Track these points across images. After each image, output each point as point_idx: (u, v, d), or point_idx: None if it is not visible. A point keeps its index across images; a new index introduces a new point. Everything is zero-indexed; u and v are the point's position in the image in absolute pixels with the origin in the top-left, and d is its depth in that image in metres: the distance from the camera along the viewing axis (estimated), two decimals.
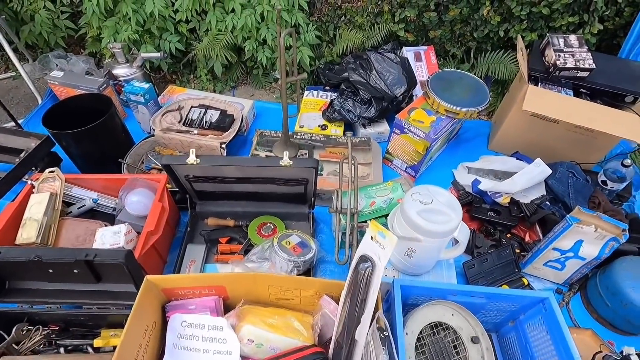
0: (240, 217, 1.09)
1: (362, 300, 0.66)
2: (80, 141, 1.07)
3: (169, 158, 0.86)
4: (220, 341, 0.73)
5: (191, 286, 0.75)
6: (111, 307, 0.83)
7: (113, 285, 0.84)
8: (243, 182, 0.98)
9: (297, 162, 0.87)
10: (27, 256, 0.72)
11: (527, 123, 1.27)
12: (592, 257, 0.94)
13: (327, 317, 0.79)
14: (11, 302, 0.82)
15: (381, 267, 0.64)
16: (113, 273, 0.81)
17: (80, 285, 0.83)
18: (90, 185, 1.02)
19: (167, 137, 1.24)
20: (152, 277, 0.71)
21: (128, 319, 0.65)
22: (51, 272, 0.78)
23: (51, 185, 0.94)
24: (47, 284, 0.84)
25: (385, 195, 1.04)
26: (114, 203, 1.03)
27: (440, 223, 0.72)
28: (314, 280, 0.75)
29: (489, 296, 0.76)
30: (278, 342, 0.75)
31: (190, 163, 0.85)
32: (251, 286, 0.77)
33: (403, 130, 1.19)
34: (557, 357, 0.70)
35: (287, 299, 0.80)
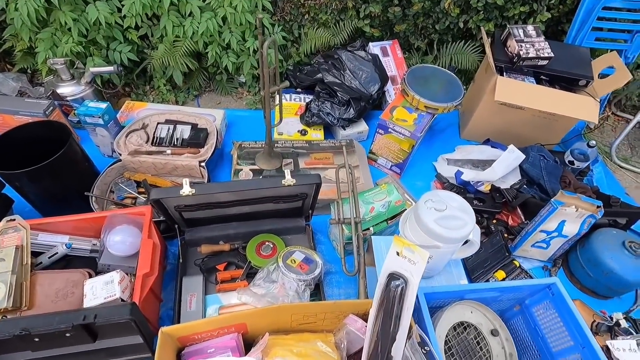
0: (234, 239, 1.03)
1: (396, 316, 0.66)
2: (37, 179, 0.93)
3: (158, 192, 0.78)
4: None
5: (210, 329, 0.69)
6: None
7: (113, 341, 0.75)
8: (238, 205, 0.92)
9: (300, 179, 0.84)
10: (11, 331, 0.61)
11: (495, 111, 1.34)
12: (573, 234, 1.03)
13: (352, 334, 0.77)
14: None
15: (415, 283, 0.63)
16: (111, 329, 0.72)
17: (73, 348, 0.73)
18: (59, 229, 0.89)
19: (137, 161, 1.12)
20: (168, 329, 0.64)
21: None
22: (37, 340, 0.68)
23: (13, 237, 0.81)
24: (31, 353, 0.72)
25: (382, 199, 1.03)
26: (89, 244, 0.91)
27: (457, 229, 0.73)
28: (341, 303, 0.73)
29: (503, 290, 0.79)
30: None
31: (184, 195, 0.77)
32: (274, 318, 0.73)
33: (387, 130, 1.19)
34: (569, 335, 0.76)
35: (309, 323, 0.78)
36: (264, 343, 0.72)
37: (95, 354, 0.74)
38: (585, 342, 0.72)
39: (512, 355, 0.78)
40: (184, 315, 0.89)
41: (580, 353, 0.73)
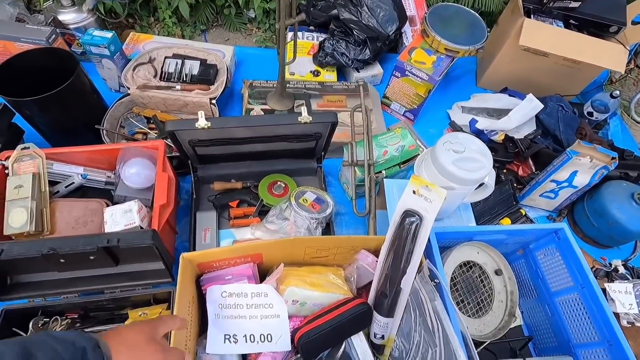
0: (246, 177, 1.04)
1: (409, 252, 0.68)
2: (47, 109, 0.91)
3: (173, 124, 0.77)
4: (266, 306, 0.73)
5: (228, 257, 0.72)
6: (136, 287, 0.78)
7: (134, 266, 0.78)
8: (252, 142, 0.91)
9: (317, 117, 0.82)
10: (40, 250, 0.63)
11: (517, 58, 1.28)
12: (583, 185, 1.03)
13: (362, 269, 0.81)
14: (19, 298, 0.74)
15: (430, 220, 0.65)
16: (133, 254, 0.75)
17: (96, 270, 0.77)
18: (74, 160, 0.89)
19: (146, 96, 1.09)
20: (188, 255, 0.67)
21: (175, 299, 0.62)
22: (62, 262, 0.71)
23: (29, 164, 0.81)
24: (57, 274, 0.76)
25: (396, 144, 1.02)
26: (104, 176, 0.92)
27: (474, 170, 0.73)
28: (353, 238, 0.75)
29: (511, 233, 0.82)
30: (320, 298, 0.76)
31: (200, 127, 0.76)
32: (288, 250, 0.75)
33: (404, 73, 1.15)
34: (570, 277, 0.79)
35: (321, 257, 0.81)
36: (278, 272, 0.75)
37: (117, 277, 0.78)
38: (586, 283, 0.75)
39: (513, 292, 0.82)
40: (199, 247, 0.92)
41: (579, 292, 0.77)
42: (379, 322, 0.76)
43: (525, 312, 0.92)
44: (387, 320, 0.75)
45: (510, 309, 0.80)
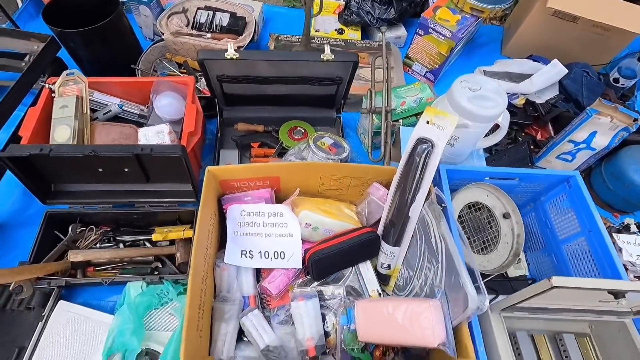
0: (267, 122, 1.09)
1: (418, 180, 0.71)
2: (90, 42, 0.98)
3: (205, 52, 0.82)
4: (281, 225, 0.79)
5: (248, 177, 0.78)
6: (164, 204, 0.85)
7: (163, 185, 0.85)
8: (276, 83, 0.96)
9: (339, 55, 0.85)
10: (82, 151, 0.70)
11: (544, 24, 1.27)
12: (602, 147, 1.03)
13: (374, 204, 0.85)
14: (60, 203, 0.82)
15: (441, 147, 0.68)
16: (162, 172, 0.82)
17: (129, 185, 0.84)
18: (111, 91, 0.96)
19: (179, 42, 1.15)
20: (213, 168, 0.73)
21: (199, 211, 0.67)
22: (101, 171, 0.78)
23: (73, 88, 0.89)
24: (94, 185, 0.83)
25: (415, 96, 1.05)
26: (138, 109, 0.99)
27: (489, 108, 0.75)
28: (367, 167, 0.79)
29: (522, 176, 0.83)
30: (332, 225, 0.81)
31: (228, 57, 0.81)
32: (304, 176, 0.80)
33: (427, 30, 1.16)
34: (578, 223, 0.80)
35: (335, 189, 0.85)
36: (294, 195, 0.80)
37: (147, 194, 0.85)
38: (593, 227, 0.76)
39: (519, 235, 0.84)
40: None
41: (586, 237, 0.78)
42: (386, 252, 0.80)
43: (531, 264, 0.94)
44: (394, 249, 0.79)
45: (515, 250, 0.83)
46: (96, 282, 0.77)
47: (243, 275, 0.79)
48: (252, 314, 0.74)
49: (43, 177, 0.80)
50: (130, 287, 0.77)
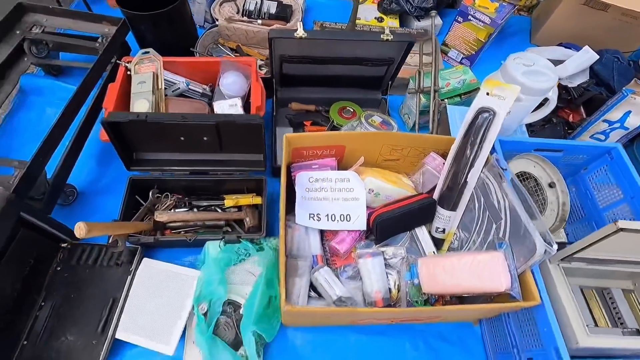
0: (317, 103, 1.15)
1: (478, 146, 0.78)
2: (157, 25, 1.05)
3: (276, 31, 0.89)
4: (348, 190, 0.85)
5: (317, 145, 0.84)
6: (235, 172, 0.92)
7: (233, 155, 0.92)
8: (332, 63, 1.03)
9: (396, 36, 0.92)
10: (174, 118, 0.78)
11: (575, 13, 1.33)
12: (635, 127, 1.09)
13: (428, 174, 0.91)
14: (141, 170, 0.89)
15: (502, 115, 0.74)
16: (235, 142, 0.89)
17: (204, 154, 0.91)
18: (177, 70, 1.04)
19: (232, 28, 1.22)
20: (290, 135, 0.80)
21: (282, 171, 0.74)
22: (182, 139, 0.85)
23: (149, 66, 0.96)
24: (171, 154, 0.90)
25: (458, 77, 1.12)
26: (201, 88, 1.06)
27: (542, 82, 0.82)
28: (427, 137, 0.86)
29: (567, 147, 0.90)
30: (392, 191, 0.88)
31: (297, 36, 0.88)
32: (368, 145, 0.87)
33: (467, 17, 1.23)
34: (621, 191, 0.87)
35: (392, 160, 0.92)
36: (359, 162, 0.87)
37: (220, 162, 0.92)
38: (636, 193, 0.83)
39: (564, 203, 0.91)
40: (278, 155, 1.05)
41: (628, 203, 0.85)
42: (441, 216, 0.87)
43: (570, 234, 1.01)
44: (451, 213, 0.86)
45: (561, 216, 0.89)
46: (181, 239, 0.84)
47: (311, 236, 0.86)
48: (323, 269, 0.81)
49: (127, 146, 0.87)
50: (209, 245, 0.84)
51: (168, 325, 0.76)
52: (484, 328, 0.89)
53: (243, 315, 0.76)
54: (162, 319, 0.77)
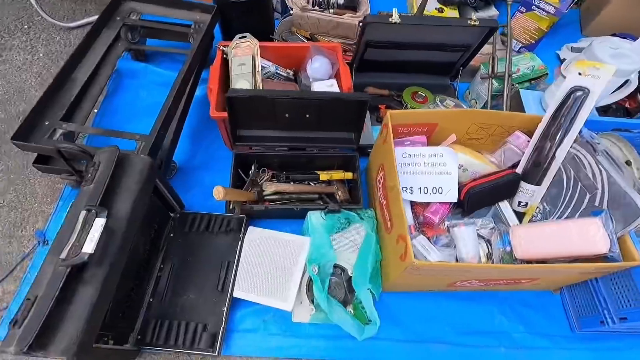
0: (388, 87, 1.22)
1: (569, 123, 0.84)
2: (247, 13, 1.12)
3: (371, 17, 0.95)
4: (440, 165, 0.91)
5: (413, 122, 0.91)
6: (329, 149, 0.98)
7: (328, 133, 0.98)
8: (414, 49, 1.09)
9: (482, 22, 0.98)
10: (291, 95, 0.85)
11: (629, 4, 1.38)
12: None
13: (509, 152, 0.97)
14: (244, 145, 0.96)
15: (597, 93, 0.80)
16: (333, 120, 0.95)
17: (301, 132, 0.97)
18: (266, 55, 1.10)
19: (305, 17, 1.29)
20: (392, 112, 0.86)
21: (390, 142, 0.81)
22: (287, 116, 0.92)
23: (246, 49, 1.02)
24: (272, 131, 0.97)
25: (527, 64, 1.17)
26: (285, 72, 1.13)
27: (628, 64, 0.87)
28: (515, 115, 0.92)
29: None
30: (479, 167, 0.94)
31: (393, 22, 0.94)
32: (459, 123, 0.93)
33: (530, 7, 1.29)
34: None
35: (476, 139, 0.98)
36: (451, 140, 0.93)
37: (315, 140, 0.98)
38: None
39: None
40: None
41: None
42: (525, 191, 0.93)
43: None
44: (535, 188, 0.92)
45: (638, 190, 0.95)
46: (288, 208, 0.91)
47: (405, 208, 0.92)
48: (419, 237, 0.87)
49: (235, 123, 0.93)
50: (311, 215, 0.91)
51: (283, 285, 0.83)
52: (564, 295, 0.95)
53: (354, 275, 0.82)
54: (276, 280, 0.84)
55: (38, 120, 0.88)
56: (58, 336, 0.56)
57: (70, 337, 0.57)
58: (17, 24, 1.31)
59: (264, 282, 0.84)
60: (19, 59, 1.24)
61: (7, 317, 0.82)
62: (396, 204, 0.76)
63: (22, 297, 0.83)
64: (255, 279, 0.85)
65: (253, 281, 0.85)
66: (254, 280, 0.85)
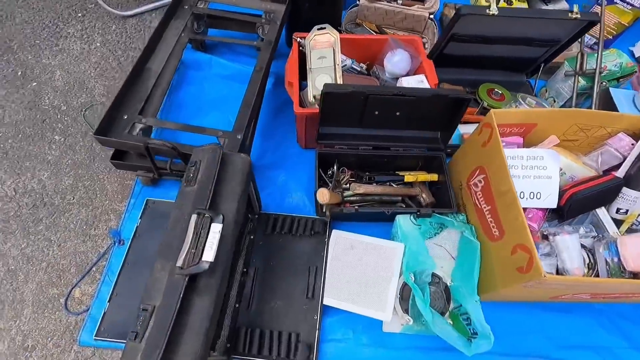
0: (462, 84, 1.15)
1: None
2: (320, 3, 1.06)
3: (468, 8, 0.89)
4: (540, 168, 0.86)
5: (512, 122, 0.85)
6: (414, 148, 0.93)
7: (414, 132, 0.93)
8: (498, 43, 1.03)
9: (583, 15, 0.91)
10: (391, 91, 0.79)
11: None
12: None
13: (608, 154, 0.91)
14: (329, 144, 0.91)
15: None
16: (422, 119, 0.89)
17: (390, 131, 0.92)
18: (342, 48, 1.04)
19: (372, 7, 1.23)
20: (496, 111, 0.80)
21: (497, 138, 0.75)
22: (376, 114, 0.86)
23: (323, 43, 0.97)
24: (354, 129, 0.92)
25: (614, 61, 1.10)
26: (358, 66, 1.07)
27: None
28: (622, 116, 0.86)
29: None
30: (577, 171, 0.88)
31: (490, 14, 0.88)
32: (559, 124, 0.87)
33: (612, 0, 1.21)
34: None
35: (572, 141, 0.92)
36: (552, 142, 0.87)
37: (399, 139, 0.93)
38: None
39: None
40: None
41: None
42: (627, 197, 0.87)
43: None
44: (638, 194, 0.86)
45: None
46: (377, 212, 0.86)
47: None
48: None
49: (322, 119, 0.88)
50: (400, 219, 0.86)
51: (379, 294, 0.79)
52: None
53: (455, 285, 0.78)
54: (371, 287, 0.79)
55: (117, 114, 0.84)
56: (181, 351, 0.52)
57: (194, 352, 0.52)
58: (71, 12, 1.27)
59: (356, 289, 0.80)
60: (76, 48, 1.19)
61: (89, 320, 0.79)
62: (512, 211, 0.71)
63: (103, 299, 0.80)
64: (347, 286, 0.80)
65: (344, 288, 0.80)
66: (346, 288, 0.80)
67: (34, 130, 1.02)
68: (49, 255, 0.87)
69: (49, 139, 1.02)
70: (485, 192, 0.82)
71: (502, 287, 0.74)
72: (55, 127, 1.04)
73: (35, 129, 1.03)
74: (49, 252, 0.87)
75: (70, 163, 0.98)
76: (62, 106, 1.07)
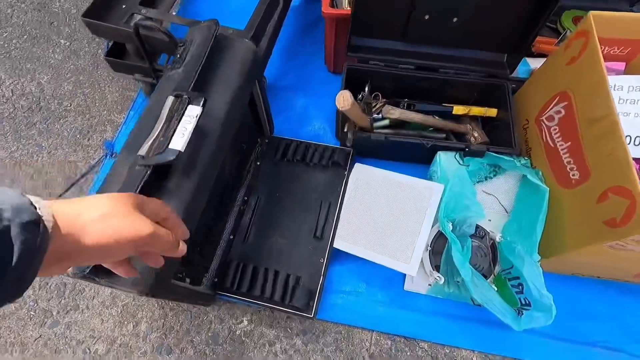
0: None
1: None
2: None
3: None
4: None
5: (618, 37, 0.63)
6: (470, 72, 0.73)
7: (472, 52, 0.73)
8: None
9: None
10: None
11: None
12: None
13: None
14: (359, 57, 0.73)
15: None
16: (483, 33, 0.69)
17: (435, 47, 0.73)
18: None
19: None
20: (596, 14, 0.58)
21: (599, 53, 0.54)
22: (427, 18, 0.67)
23: None
24: (395, 42, 0.73)
25: None
26: None
27: None
28: None
29: None
30: None
31: None
32: None
33: None
34: None
35: None
36: None
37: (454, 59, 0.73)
38: None
39: None
40: None
41: None
42: None
43: None
44: None
45: None
46: (415, 143, 0.67)
47: None
48: None
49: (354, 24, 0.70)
50: (441, 155, 0.68)
51: (404, 242, 0.62)
52: None
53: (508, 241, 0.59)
54: (394, 234, 0.63)
55: (114, 1, 0.71)
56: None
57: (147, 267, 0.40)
58: None
59: (375, 233, 0.64)
60: None
61: None
62: (608, 143, 0.50)
63: None
64: (365, 229, 0.65)
65: (361, 231, 0.65)
66: (363, 230, 0.65)
67: (40, 32, 0.94)
68: (38, 161, 0.78)
69: (55, 42, 0.93)
70: (565, 124, 0.61)
71: (575, 248, 0.54)
72: (63, 30, 0.95)
73: (42, 30, 0.94)
74: (38, 159, 0.78)
75: (72, 68, 0.89)
76: (72, 9, 0.98)
